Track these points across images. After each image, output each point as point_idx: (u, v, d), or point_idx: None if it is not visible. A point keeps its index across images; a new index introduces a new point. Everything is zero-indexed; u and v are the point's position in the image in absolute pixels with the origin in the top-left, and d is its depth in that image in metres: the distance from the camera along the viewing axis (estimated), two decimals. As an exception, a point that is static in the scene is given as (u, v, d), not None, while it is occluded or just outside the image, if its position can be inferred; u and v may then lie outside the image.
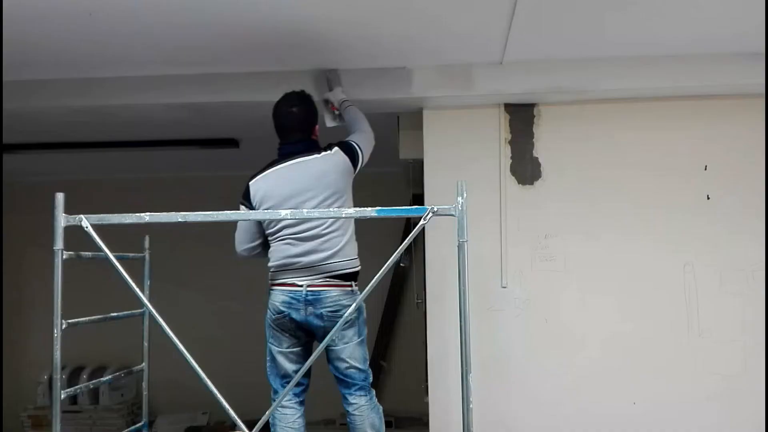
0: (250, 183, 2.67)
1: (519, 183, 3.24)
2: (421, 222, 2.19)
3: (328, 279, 2.57)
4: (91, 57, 2.94)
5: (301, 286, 2.56)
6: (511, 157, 3.25)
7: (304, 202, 2.57)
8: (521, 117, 3.25)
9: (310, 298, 2.55)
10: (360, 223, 2.58)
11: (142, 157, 4.92)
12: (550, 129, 3.25)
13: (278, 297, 2.59)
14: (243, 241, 2.73)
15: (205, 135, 4.34)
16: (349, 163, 2.66)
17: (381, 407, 2.71)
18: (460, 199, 2.15)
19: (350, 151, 2.68)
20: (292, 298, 2.57)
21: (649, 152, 3.21)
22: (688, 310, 3.15)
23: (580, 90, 3.11)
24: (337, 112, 3.00)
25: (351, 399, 2.64)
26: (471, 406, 2.12)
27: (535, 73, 3.08)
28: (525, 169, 3.24)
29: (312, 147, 2.68)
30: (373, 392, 2.70)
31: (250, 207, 2.64)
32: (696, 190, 3.19)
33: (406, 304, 5.57)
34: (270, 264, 2.66)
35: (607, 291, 3.18)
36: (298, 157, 2.63)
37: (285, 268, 2.60)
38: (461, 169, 3.20)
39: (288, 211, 2.36)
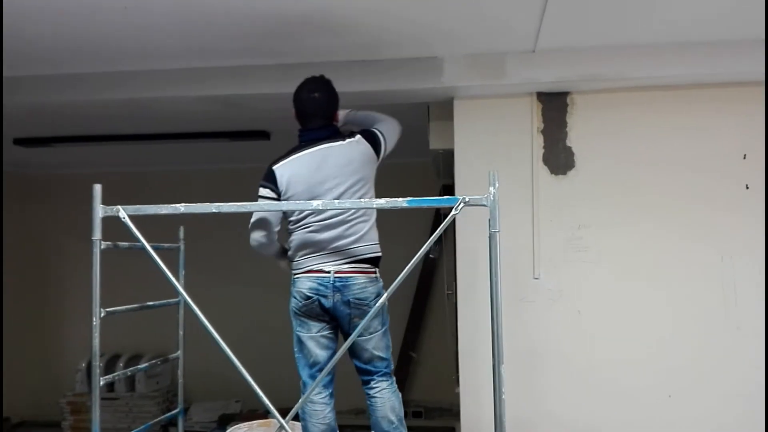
0: (275, 167, 2.62)
1: (551, 173, 3.20)
2: (453, 212, 2.17)
3: (353, 265, 2.57)
4: (124, 50, 2.98)
5: (329, 272, 2.56)
6: (544, 147, 3.20)
7: (331, 188, 2.57)
8: (554, 106, 3.21)
9: (338, 284, 2.55)
10: (389, 214, 2.57)
11: (174, 149, 4.99)
12: (584, 118, 3.19)
13: (305, 284, 2.59)
14: (260, 229, 2.67)
15: (236, 127, 4.39)
16: (373, 153, 2.66)
17: (400, 394, 2.69)
18: (492, 189, 2.13)
19: (373, 140, 2.67)
20: (320, 284, 2.57)
21: (685, 140, 3.14)
22: (726, 302, 3.08)
23: (615, 78, 3.05)
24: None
25: (373, 383, 2.64)
26: (503, 397, 2.11)
27: (568, 61, 3.03)
28: (558, 158, 3.19)
29: (335, 133, 2.67)
30: (394, 378, 2.70)
31: (276, 191, 2.61)
32: (735, 180, 3.10)
33: (436, 295, 5.57)
34: (293, 252, 2.66)
35: (642, 282, 3.13)
36: (322, 143, 2.61)
37: (311, 255, 2.60)
38: (492, 159, 3.17)
39: (319, 202, 2.37)
